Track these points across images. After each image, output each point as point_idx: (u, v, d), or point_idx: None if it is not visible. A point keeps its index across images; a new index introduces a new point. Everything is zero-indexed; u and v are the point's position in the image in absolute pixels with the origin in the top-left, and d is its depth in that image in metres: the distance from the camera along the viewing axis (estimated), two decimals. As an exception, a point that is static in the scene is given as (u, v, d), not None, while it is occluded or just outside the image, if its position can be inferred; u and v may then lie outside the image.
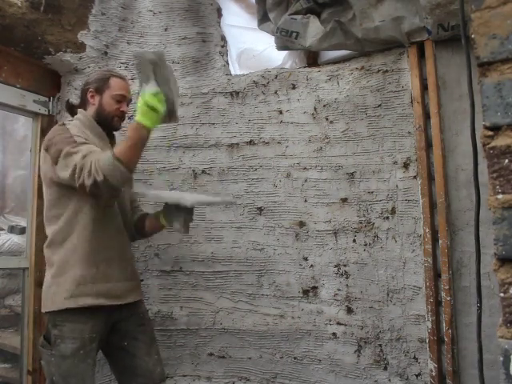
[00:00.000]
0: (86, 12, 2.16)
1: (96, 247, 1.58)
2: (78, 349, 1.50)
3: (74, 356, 1.49)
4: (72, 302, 1.52)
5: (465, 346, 1.75)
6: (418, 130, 1.87)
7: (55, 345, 1.51)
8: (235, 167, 2.20)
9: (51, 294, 1.55)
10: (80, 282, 1.53)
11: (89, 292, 1.54)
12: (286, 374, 2.08)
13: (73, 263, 1.55)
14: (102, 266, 1.58)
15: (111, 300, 1.58)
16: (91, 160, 1.44)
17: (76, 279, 1.53)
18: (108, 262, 1.60)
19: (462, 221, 1.78)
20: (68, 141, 1.51)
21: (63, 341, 1.50)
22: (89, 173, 1.42)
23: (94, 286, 1.55)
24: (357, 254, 1.99)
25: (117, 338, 1.66)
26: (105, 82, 1.70)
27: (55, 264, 1.58)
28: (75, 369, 1.49)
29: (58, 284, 1.55)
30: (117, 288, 1.61)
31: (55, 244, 1.59)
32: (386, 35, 1.89)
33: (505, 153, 0.70)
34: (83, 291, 1.53)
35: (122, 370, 1.69)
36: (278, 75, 2.18)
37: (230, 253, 2.17)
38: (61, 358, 1.49)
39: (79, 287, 1.53)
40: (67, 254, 1.56)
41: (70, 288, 1.52)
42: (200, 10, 2.31)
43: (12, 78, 2.06)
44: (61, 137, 1.54)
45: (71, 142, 1.51)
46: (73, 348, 1.49)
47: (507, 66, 0.71)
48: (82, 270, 1.54)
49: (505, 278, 0.70)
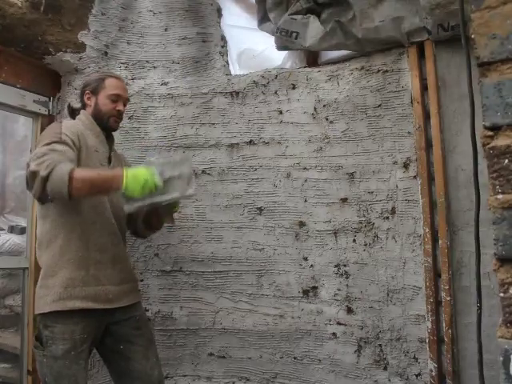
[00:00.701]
0: (86, 12, 2.16)
1: (85, 249, 1.56)
2: (69, 350, 1.49)
3: (65, 357, 1.48)
4: (60, 304, 1.50)
5: (465, 346, 1.75)
6: (418, 130, 1.87)
7: (47, 346, 1.50)
8: (235, 167, 2.20)
9: (41, 295, 1.55)
10: (69, 285, 1.52)
11: (77, 295, 1.52)
12: (286, 374, 2.08)
13: (61, 265, 1.53)
14: (92, 268, 1.56)
15: (101, 304, 1.56)
16: (54, 157, 1.41)
17: (65, 282, 1.52)
18: (99, 265, 1.58)
19: (462, 221, 1.78)
20: (54, 135, 1.51)
21: (54, 342, 1.49)
22: (41, 163, 1.39)
23: (83, 289, 1.53)
24: (357, 254, 1.99)
25: (111, 340, 1.65)
26: (100, 82, 1.71)
27: (44, 265, 1.57)
28: (67, 370, 1.48)
29: (47, 286, 1.54)
30: (108, 291, 1.59)
31: (43, 245, 1.58)
32: (386, 35, 1.89)
33: (505, 153, 0.70)
34: (72, 294, 1.52)
35: (118, 373, 1.68)
36: (277, 75, 2.18)
37: (230, 253, 2.17)
38: (52, 359, 1.48)
39: (67, 290, 1.52)
40: (55, 255, 1.55)
41: (58, 291, 1.51)
42: (200, 10, 2.31)
43: (12, 78, 2.06)
44: (50, 131, 1.56)
45: (55, 137, 1.50)
46: (64, 349, 1.48)
47: (507, 66, 0.71)
48: (71, 273, 1.53)
49: (505, 277, 0.70)
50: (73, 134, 1.57)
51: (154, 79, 2.29)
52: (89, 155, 1.61)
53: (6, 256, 2.94)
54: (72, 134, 1.57)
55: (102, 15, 2.21)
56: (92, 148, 1.65)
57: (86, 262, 1.56)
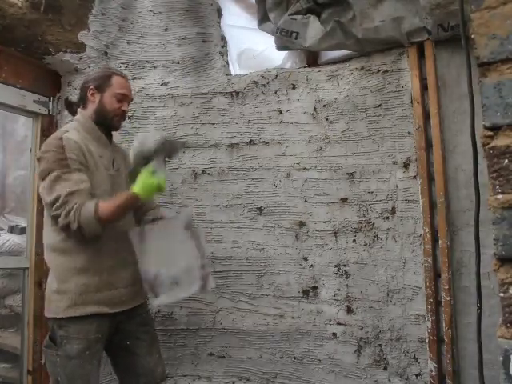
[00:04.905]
0: (86, 12, 2.16)
1: (98, 255, 1.57)
2: (84, 349, 1.50)
3: (79, 357, 1.49)
4: (75, 310, 1.51)
5: (464, 345, 1.75)
6: (418, 130, 1.87)
7: (61, 345, 1.51)
8: (235, 167, 2.20)
9: (54, 300, 1.55)
10: (83, 291, 1.53)
11: (92, 301, 1.53)
12: (286, 374, 2.08)
13: (75, 271, 1.54)
14: (105, 274, 1.58)
15: (114, 307, 1.58)
16: (75, 202, 1.46)
17: (79, 288, 1.53)
18: (111, 270, 1.59)
19: (462, 221, 1.78)
20: (61, 163, 1.49)
21: (69, 341, 1.50)
22: (67, 214, 1.45)
23: (97, 294, 1.55)
24: (357, 253, 1.99)
25: (120, 337, 1.66)
26: (106, 80, 1.66)
27: (57, 270, 1.57)
28: (81, 369, 1.49)
29: (61, 291, 1.54)
30: (120, 295, 1.61)
31: (55, 249, 1.58)
32: (386, 35, 1.90)
33: (505, 153, 0.70)
34: (86, 300, 1.53)
35: (124, 369, 1.69)
36: (278, 75, 2.18)
37: (230, 253, 2.17)
38: (66, 359, 1.49)
39: (82, 296, 1.53)
40: (69, 260, 1.55)
41: (72, 297, 1.52)
42: (200, 10, 2.31)
43: (12, 78, 2.06)
44: (55, 156, 1.51)
45: (63, 166, 1.49)
46: (79, 349, 1.49)
47: (507, 66, 0.71)
48: (85, 279, 1.54)
49: (505, 277, 0.70)
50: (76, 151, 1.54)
51: (154, 79, 2.29)
52: (96, 165, 1.60)
53: (5, 256, 2.94)
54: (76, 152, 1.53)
55: (102, 15, 2.21)
56: (96, 155, 1.62)
57: (99, 268, 1.56)
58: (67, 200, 1.46)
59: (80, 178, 1.51)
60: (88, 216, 1.45)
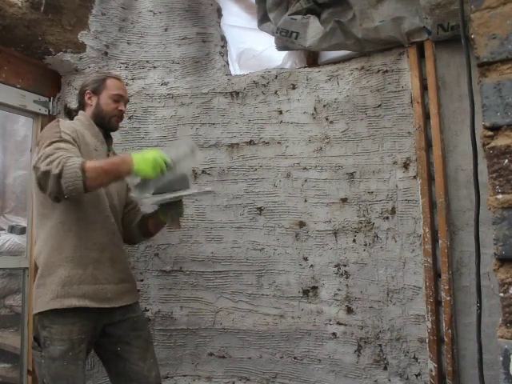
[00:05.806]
0: (86, 12, 2.16)
1: (84, 248, 1.56)
2: (67, 350, 1.48)
3: (63, 358, 1.47)
4: (57, 303, 1.49)
5: (464, 345, 1.75)
6: (418, 130, 1.87)
7: (45, 346, 1.49)
8: (235, 167, 2.20)
9: (38, 295, 1.54)
10: (66, 283, 1.51)
11: (74, 293, 1.51)
12: (286, 374, 2.08)
13: (59, 264, 1.53)
14: (91, 267, 1.56)
15: (99, 302, 1.55)
16: (62, 154, 1.42)
17: (62, 280, 1.51)
18: (97, 264, 1.57)
19: (462, 221, 1.78)
20: (54, 135, 1.51)
21: (52, 343, 1.48)
22: (49, 162, 1.39)
23: (80, 287, 1.52)
24: (357, 253, 2.00)
25: (109, 342, 1.64)
26: (101, 82, 1.71)
27: (41, 264, 1.57)
28: (65, 371, 1.47)
29: (45, 285, 1.53)
30: (106, 290, 1.58)
31: (41, 244, 1.58)
32: (386, 35, 1.90)
33: (505, 153, 0.70)
34: (69, 292, 1.51)
35: (115, 374, 1.67)
36: (278, 75, 2.18)
37: (230, 253, 2.17)
38: (50, 360, 1.48)
39: (64, 288, 1.51)
40: (53, 254, 1.54)
41: (55, 289, 1.50)
42: (200, 10, 2.31)
43: (12, 78, 2.06)
44: (49, 132, 1.55)
45: (56, 136, 1.51)
46: (61, 350, 1.47)
47: (507, 66, 0.71)
48: (69, 271, 1.52)
49: (504, 277, 0.70)
50: (71, 131, 1.57)
51: (154, 79, 2.29)
52: (88, 153, 1.60)
53: (5, 256, 2.94)
54: (71, 131, 1.57)
55: (102, 15, 2.21)
56: (91, 146, 1.64)
57: (84, 261, 1.55)
58: (53, 153, 1.42)
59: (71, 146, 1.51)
60: (72, 165, 1.38)
